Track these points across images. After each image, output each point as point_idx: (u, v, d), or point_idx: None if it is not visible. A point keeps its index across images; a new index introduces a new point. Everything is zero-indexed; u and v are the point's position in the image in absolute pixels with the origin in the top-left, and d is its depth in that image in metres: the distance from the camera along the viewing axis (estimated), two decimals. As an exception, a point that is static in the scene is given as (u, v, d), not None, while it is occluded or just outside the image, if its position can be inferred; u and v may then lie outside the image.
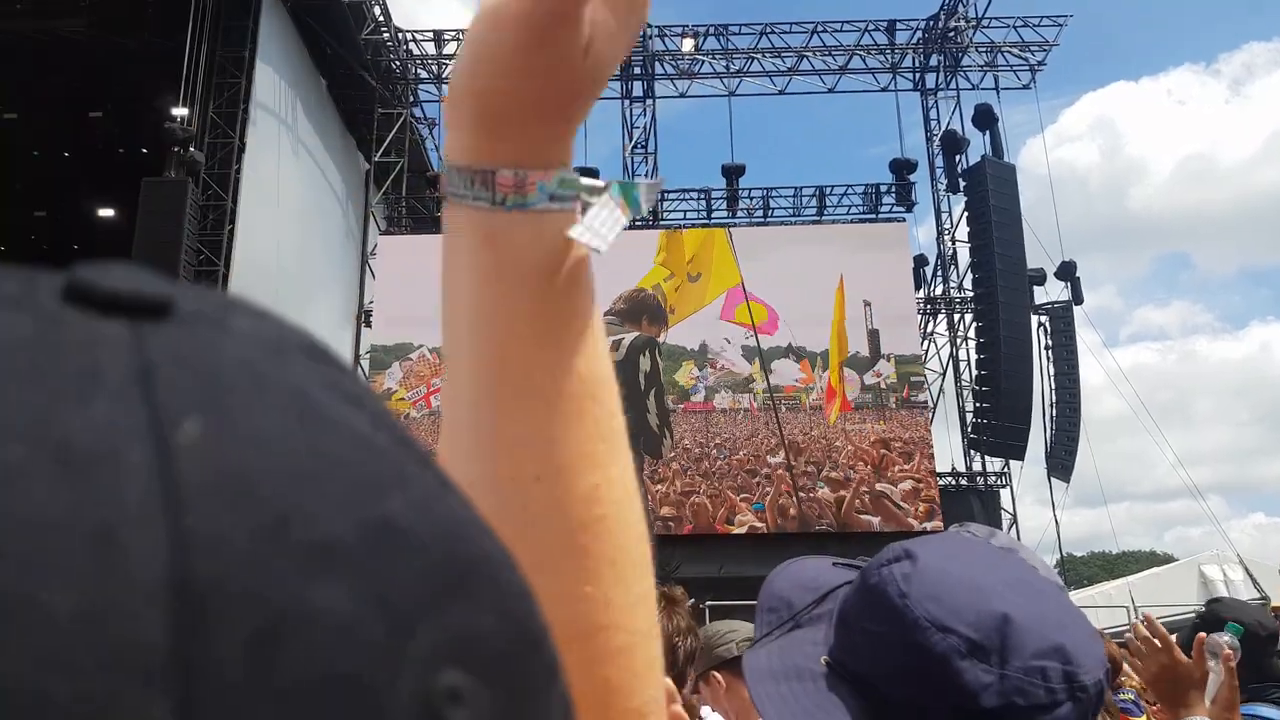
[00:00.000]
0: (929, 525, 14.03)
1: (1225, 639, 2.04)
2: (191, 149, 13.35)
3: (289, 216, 15.25)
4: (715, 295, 16.11)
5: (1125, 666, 2.95)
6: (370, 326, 16.60)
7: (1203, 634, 2.03)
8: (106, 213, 18.03)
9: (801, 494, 14.97)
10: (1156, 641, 1.98)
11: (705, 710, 2.95)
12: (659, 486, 15.16)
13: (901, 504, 14.64)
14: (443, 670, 0.21)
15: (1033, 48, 17.81)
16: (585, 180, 0.48)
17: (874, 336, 15.88)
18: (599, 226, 0.47)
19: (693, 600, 2.73)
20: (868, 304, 15.92)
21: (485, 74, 0.45)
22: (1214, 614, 3.06)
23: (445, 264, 0.50)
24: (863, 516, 14.63)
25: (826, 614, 0.94)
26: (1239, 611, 3.24)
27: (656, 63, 18.22)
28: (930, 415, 16.50)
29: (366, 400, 0.25)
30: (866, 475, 14.91)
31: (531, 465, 0.46)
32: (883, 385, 15.65)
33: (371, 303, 16.75)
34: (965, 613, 0.81)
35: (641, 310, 15.98)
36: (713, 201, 17.82)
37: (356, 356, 16.71)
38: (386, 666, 0.20)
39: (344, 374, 0.25)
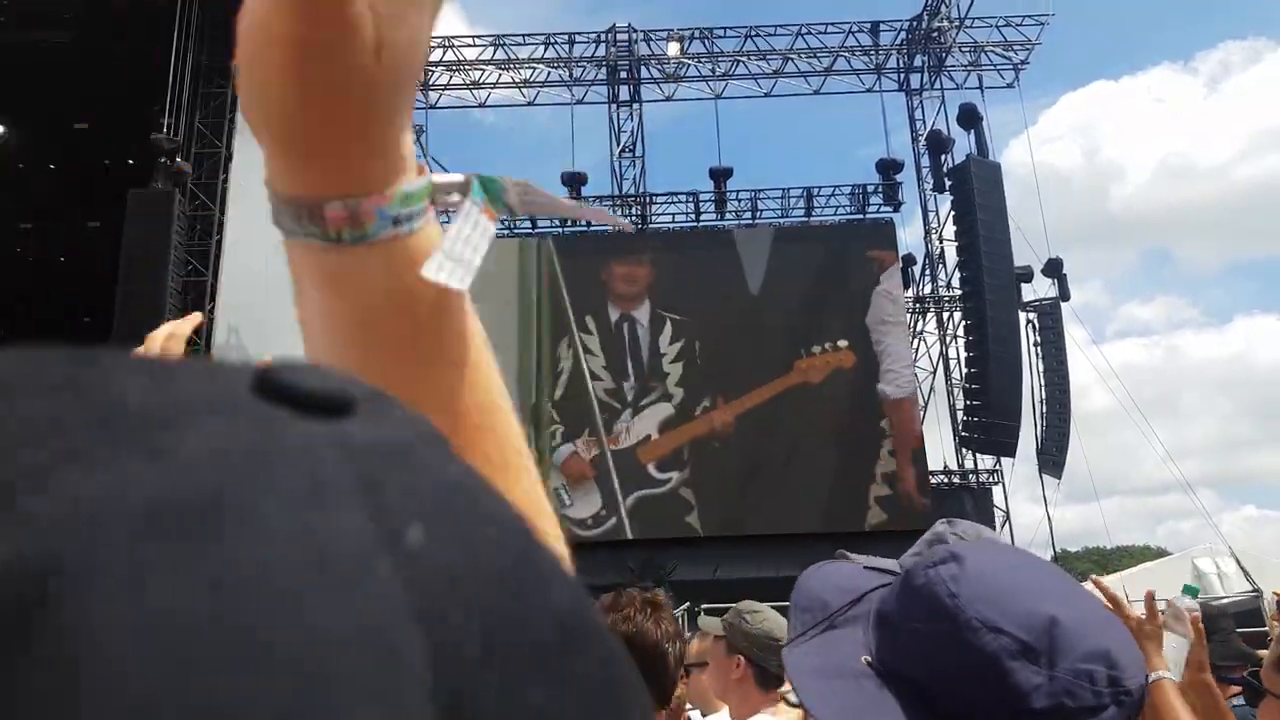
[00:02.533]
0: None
1: (1186, 601, 2.05)
2: (178, 159, 13.31)
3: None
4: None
5: None
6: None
7: (1151, 591, 2.02)
8: (93, 224, 17.94)
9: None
10: (1107, 603, 1.99)
11: (694, 715, 2.96)
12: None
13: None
14: None
15: (1015, 47, 17.91)
16: (436, 179, 0.41)
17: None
18: (461, 251, 0.40)
19: (687, 604, 2.74)
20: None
21: (268, 100, 0.38)
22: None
23: (296, 302, 0.43)
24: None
25: (862, 615, 0.95)
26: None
27: (642, 67, 18.25)
28: (921, 414, 16.56)
29: (492, 485, 0.25)
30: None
31: None
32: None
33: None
34: (1015, 614, 0.82)
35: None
36: (701, 204, 17.86)
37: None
38: None
39: (463, 460, 0.25)
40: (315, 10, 0.36)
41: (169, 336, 1.22)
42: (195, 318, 1.30)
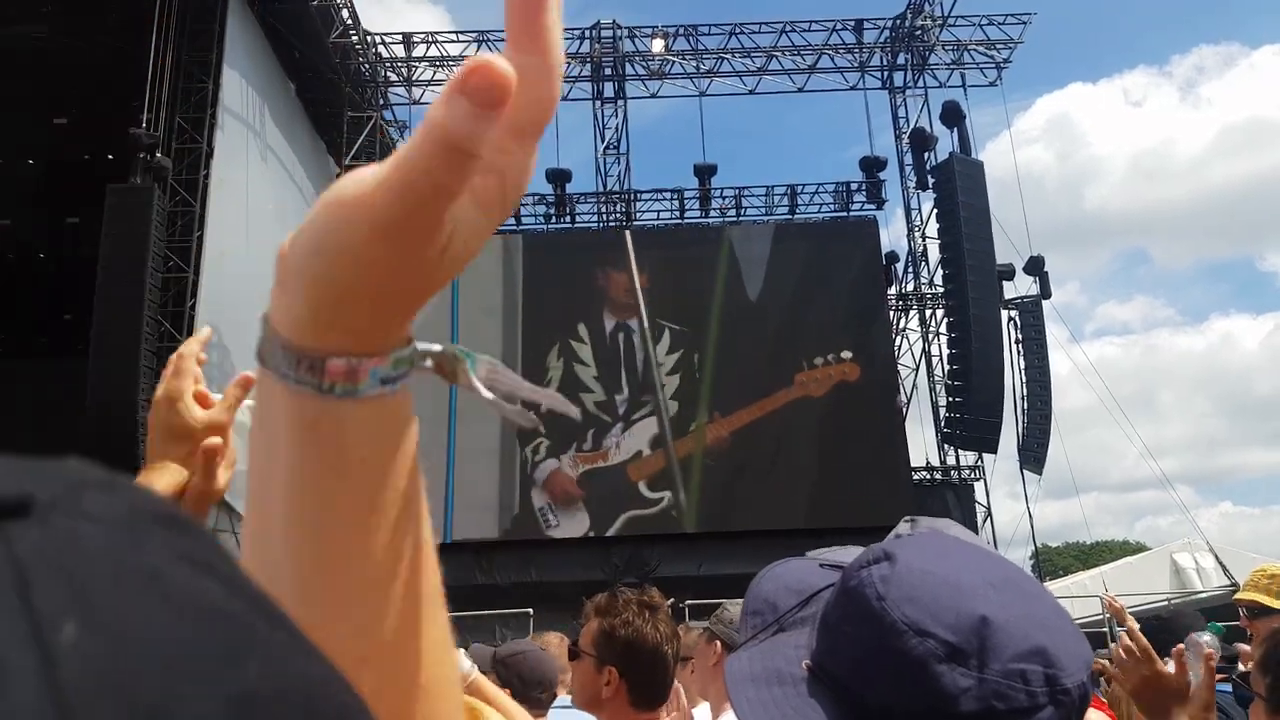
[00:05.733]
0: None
1: (1205, 639, 2.06)
2: (158, 155, 13.19)
3: (259, 221, 15.09)
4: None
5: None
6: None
7: (1182, 644, 2.02)
8: (73, 220, 17.78)
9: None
10: (1139, 653, 1.97)
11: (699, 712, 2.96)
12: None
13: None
14: None
15: (998, 45, 17.98)
16: (422, 347, 0.44)
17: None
18: (510, 399, 0.45)
19: (671, 600, 2.75)
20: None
21: (327, 263, 0.40)
22: (1170, 625, 3.13)
23: (255, 432, 0.45)
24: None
25: (810, 617, 0.94)
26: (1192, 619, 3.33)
27: (627, 64, 18.22)
28: (904, 410, 16.62)
29: (217, 563, 0.26)
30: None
31: (358, 650, 0.44)
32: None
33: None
34: (944, 615, 0.80)
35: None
36: (685, 201, 17.86)
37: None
38: None
39: (194, 539, 0.26)
40: (421, 197, 0.38)
41: (180, 356, 1.24)
42: (206, 332, 1.30)
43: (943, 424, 16.77)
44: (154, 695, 0.21)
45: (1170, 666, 1.96)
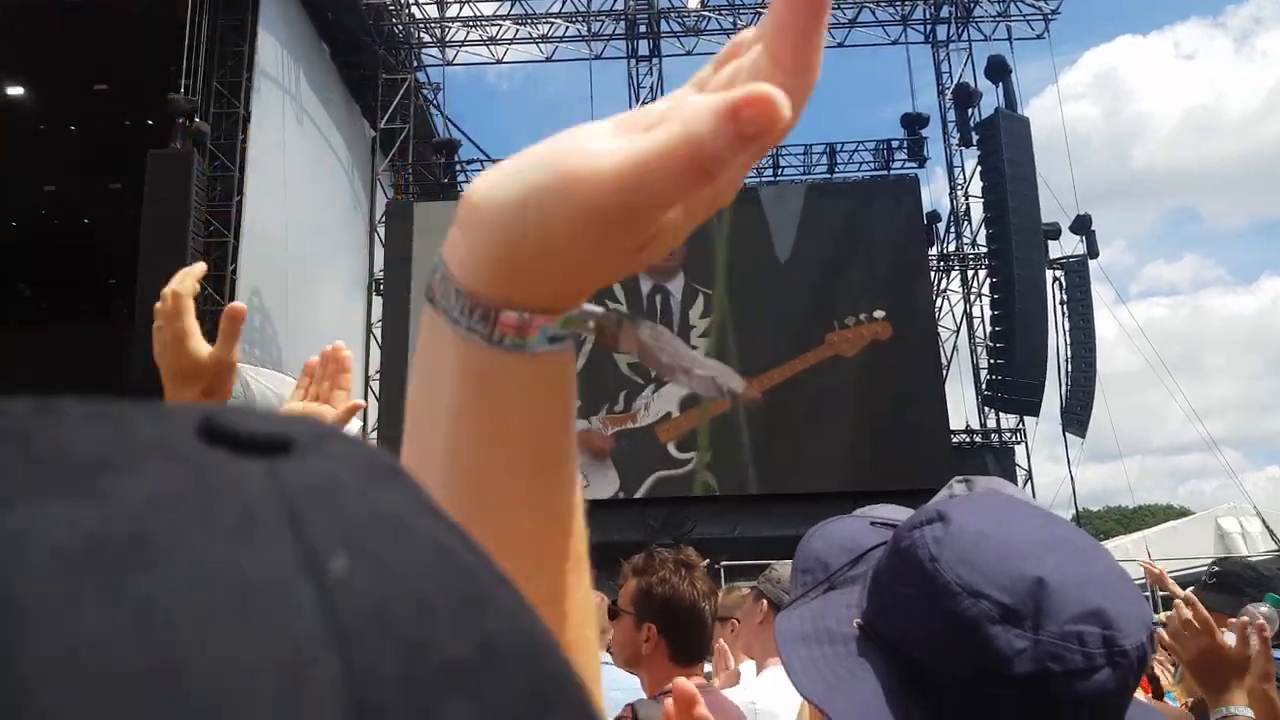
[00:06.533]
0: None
1: (1263, 609, 2.02)
2: (196, 119, 13.29)
3: (296, 185, 15.19)
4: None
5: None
6: (381, 295, 16.59)
7: (1243, 614, 1.97)
8: (115, 185, 18.01)
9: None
10: (1198, 624, 1.91)
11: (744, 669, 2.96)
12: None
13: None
14: None
15: (1045, -5, 17.50)
16: (587, 308, 0.44)
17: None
18: (705, 365, 0.44)
19: (707, 560, 2.75)
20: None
21: (531, 228, 0.39)
22: (1227, 577, 3.01)
23: (421, 365, 0.45)
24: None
25: (861, 575, 0.93)
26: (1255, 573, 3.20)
27: (662, 20, 17.99)
28: (945, 373, 16.46)
29: (443, 513, 0.27)
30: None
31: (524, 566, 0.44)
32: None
33: (381, 271, 16.73)
34: (998, 576, 0.78)
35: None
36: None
37: (369, 326, 16.73)
38: None
39: (424, 490, 0.27)
40: (650, 203, 0.38)
41: (175, 295, 1.23)
42: (200, 268, 1.30)
43: (983, 386, 16.59)
44: (416, 632, 0.22)
45: (1230, 638, 1.91)
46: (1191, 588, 2.55)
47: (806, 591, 0.98)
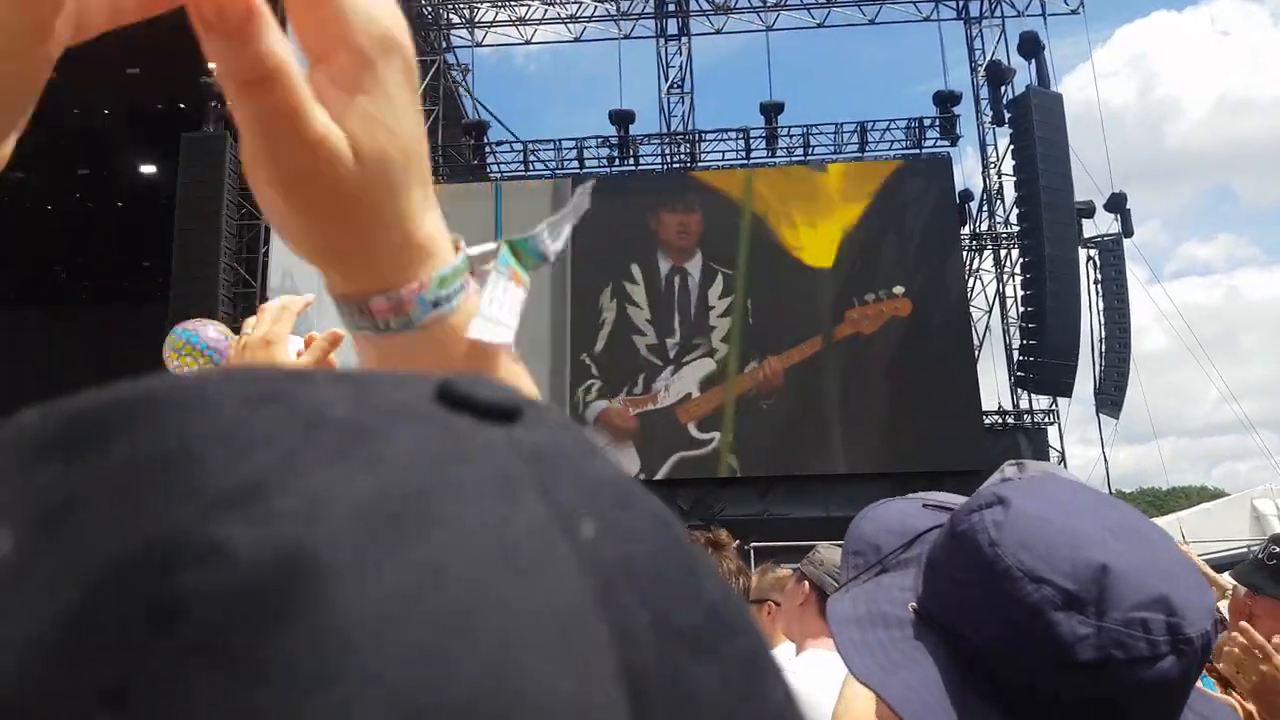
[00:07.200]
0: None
1: None
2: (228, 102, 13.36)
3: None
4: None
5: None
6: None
7: None
8: (148, 169, 18.19)
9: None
10: (1256, 650, 1.83)
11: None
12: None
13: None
14: None
15: (1082, -31, 17.17)
16: (471, 252, 0.44)
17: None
18: (497, 313, 0.44)
19: (737, 542, 2.76)
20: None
21: (284, 227, 0.42)
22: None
23: None
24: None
25: (915, 559, 0.92)
26: None
27: (691, 0, 17.85)
28: (977, 353, 16.31)
29: (642, 486, 0.27)
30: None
31: None
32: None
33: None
34: (1060, 562, 0.77)
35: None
36: (751, 141, 17.54)
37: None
38: None
39: (617, 461, 0.28)
40: (279, 151, 0.39)
41: (282, 308, 1.25)
42: (309, 298, 1.31)
43: (1015, 367, 16.42)
44: (658, 597, 0.23)
45: None
46: (1240, 566, 2.48)
47: (858, 574, 0.98)
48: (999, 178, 17.37)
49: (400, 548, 0.20)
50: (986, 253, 17.66)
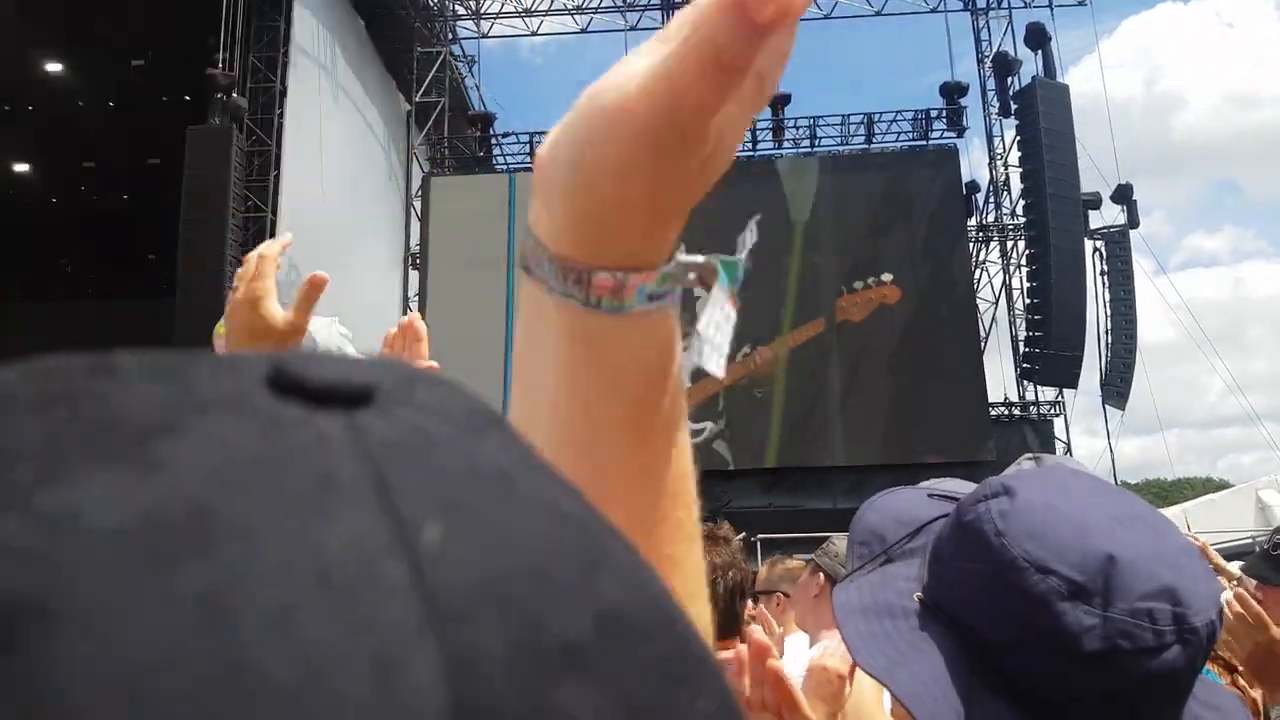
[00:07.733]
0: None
1: None
2: (234, 95, 13.37)
3: (332, 160, 15.26)
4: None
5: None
6: (417, 269, 16.67)
7: None
8: (154, 161, 18.19)
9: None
10: (1250, 619, 1.84)
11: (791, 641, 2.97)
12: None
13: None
14: None
15: (1089, -40, 17.07)
16: (683, 259, 0.42)
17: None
18: (714, 338, 0.42)
19: (743, 534, 2.76)
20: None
21: (589, 177, 0.38)
22: None
23: (524, 335, 0.45)
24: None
25: (920, 549, 0.92)
26: None
27: (696, -10, 17.76)
28: (983, 344, 16.27)
29: (549, 466, 0.24)
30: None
31: None
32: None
33: (418, 245, 16.79)
34: (1067, 553, 0.77)
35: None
36: (758, 132, 17.49)
37: (406, 300, 16.82)
38: None
39: (526, 442, 0.24)
40: (687, 113, 0.36)
41: (261, 258, 1.23)
42: (287, 237, 1.30)
43: (1022, 358, 16.39)
44: (528, 606, 0.19)
45: None
46: (1249, 559, 2.50)
47: (863, 564, 0.97)
48: (1005, 169, 17.31)
49: (162, 579, 0.17)
50: (993, 244, 17.61)
